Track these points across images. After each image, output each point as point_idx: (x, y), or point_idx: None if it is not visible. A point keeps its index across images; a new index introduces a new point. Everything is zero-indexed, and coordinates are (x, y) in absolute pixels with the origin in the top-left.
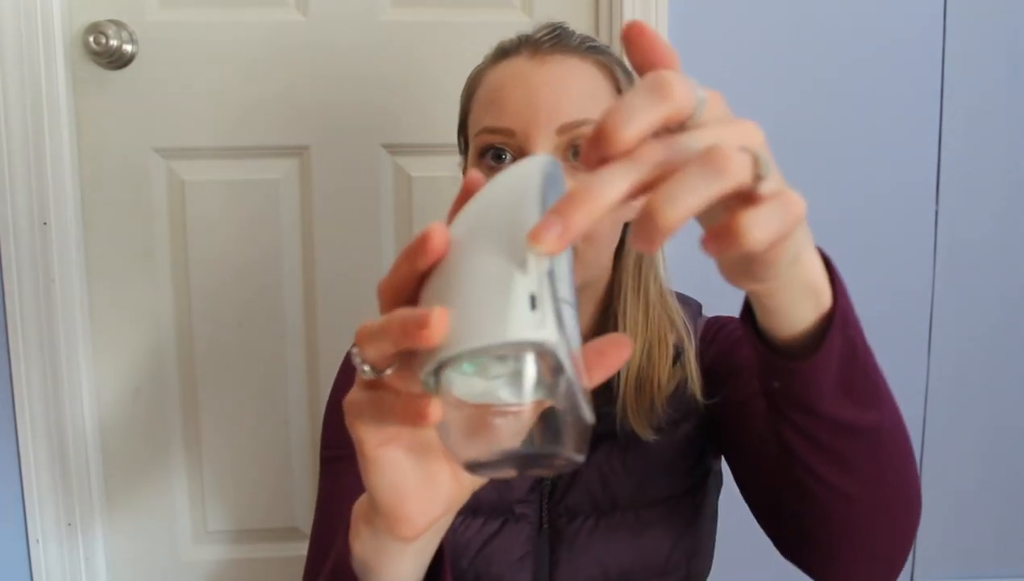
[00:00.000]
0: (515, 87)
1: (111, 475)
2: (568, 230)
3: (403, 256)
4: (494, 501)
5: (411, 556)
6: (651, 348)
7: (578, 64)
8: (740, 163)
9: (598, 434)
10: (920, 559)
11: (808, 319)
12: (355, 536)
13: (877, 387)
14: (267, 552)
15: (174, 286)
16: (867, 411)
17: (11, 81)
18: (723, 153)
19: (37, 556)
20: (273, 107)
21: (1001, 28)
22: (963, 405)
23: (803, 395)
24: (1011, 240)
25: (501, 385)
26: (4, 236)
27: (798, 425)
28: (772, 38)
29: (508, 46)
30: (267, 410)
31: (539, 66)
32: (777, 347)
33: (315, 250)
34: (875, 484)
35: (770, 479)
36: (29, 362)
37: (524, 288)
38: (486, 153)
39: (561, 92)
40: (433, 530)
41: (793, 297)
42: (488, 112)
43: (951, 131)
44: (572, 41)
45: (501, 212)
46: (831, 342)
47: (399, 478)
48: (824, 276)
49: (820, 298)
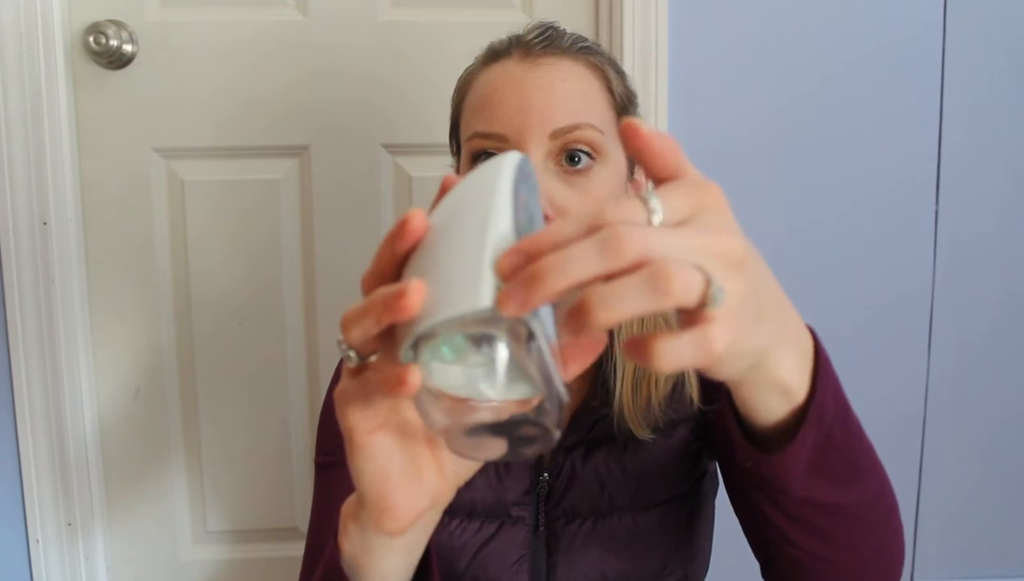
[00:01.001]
0: (507, 91)
1: (111, 475)
2: (527, 304)
3: (384, 242)
4: (490, 504)
5: (399, 552)
6: None
7: (570, 66)
8: (685, 284)
9: (596, 437)
10: (920, 559)
11: (778, 414)
12: (343, 535)
13: (856, 464)
14: (267, 552)
15: (174, 286)
16: (843, 489)
17: (11, 81)
18: (668, 273)
19: (37, 556)
20: (273, 107)
21: (1001, 27)
22: (963, 404)
23: (773, 480)
24: (1011, 239)
25: (481, 377)
26: (4, 236)
27: (770, 498)
28: (772, 37)
29: (499, 47)
30: (267, 410)
31: (531, 69)
32: (752, 431)
33: (315, 250)
34: (854, 548)
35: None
36: (29, 362)
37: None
38: (478, 158)
39: (553, 96)
40: (420, 527)
41: (758, 394)
42: (480, 116)
43: (951, 130)
44: (564, 42)
45: (475, 201)
46: (803, 437)
47: (387, 466)
48: (800, 373)
49: (792, 395)
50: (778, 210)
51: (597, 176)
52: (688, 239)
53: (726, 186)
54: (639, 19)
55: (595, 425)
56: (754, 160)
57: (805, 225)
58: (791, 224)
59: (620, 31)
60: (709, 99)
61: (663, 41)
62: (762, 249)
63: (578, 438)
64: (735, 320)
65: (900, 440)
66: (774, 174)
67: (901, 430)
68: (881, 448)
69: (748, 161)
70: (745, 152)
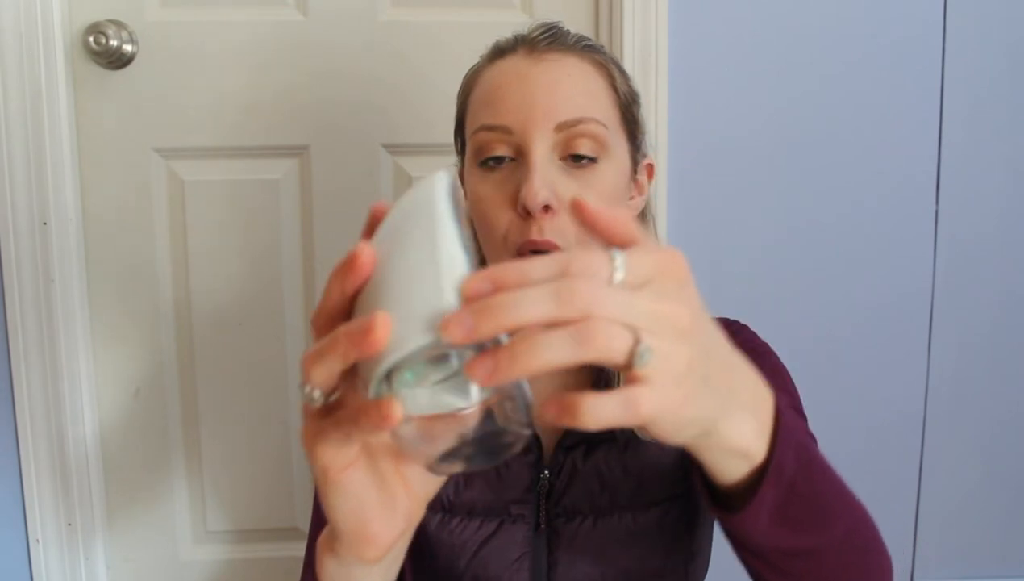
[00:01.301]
0: (512, 85)
1: (111, 475)
2: (475, 334)
3: (333, 279)
4: (490, 502)
5: (378, 575)
6: None
7: (575, 62)
8: (609, 340)
9: (597, 436)
10: (920, 559)
11: (737, 475)
12: (321, 569)
13: (823, 509)
14: (267, 552)
15: (174, 286)
16: (811, 535)
17: (11, 81)
18: (594, 328)
19: (37, 556)
20: (273, 107)
21: (1001, 27)
22: (963, 404)
23: (737, 532)
24: (1011, 239)
25: (444, 391)
26: (4, 236)
27: (739, 545)
28: (772, 37)
29: (504, 45)
30: (267, 410)
31: (536, 64)
32: (716, 485)
33: (315, 250)
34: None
35: None
36: (29, 362)
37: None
38: (483, 151)
39: (558, 90)
40: (397, 547)
41: (715, 458)
42: (485, 110)
43: (951, 130)
44: (568, 40)
45: (418, 225)
46: (762, 496)
47: (363, 499)
48: (758, 436)
49: (750, 458)
50: (778, 210)
51: (601, 171)
52: (639, 301)
53: (726, 186)
54: (639, 19)
55: None
56: (754, 160)
57: (805, 225)
58: (791, 224)
59: (620, 31)
60: (709, 99)
61: (663, 41)
62: (762, 249)
63: (579, 437)
64: (672, 385)
65: (900, 440)
66: (774, 174)
67: (901, 430)
68: (881, 448)
69: (748, 161)
70: (745, 152)
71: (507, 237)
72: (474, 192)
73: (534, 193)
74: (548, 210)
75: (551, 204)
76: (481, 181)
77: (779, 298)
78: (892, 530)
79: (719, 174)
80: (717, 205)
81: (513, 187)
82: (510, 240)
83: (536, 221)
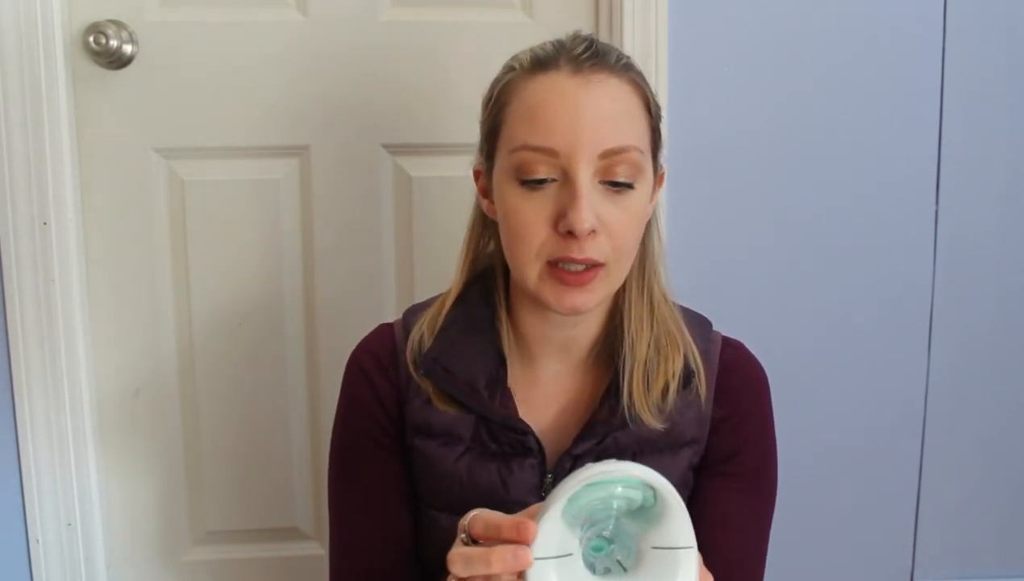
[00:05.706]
0: (560, 106)
1: (111, 475)
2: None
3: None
4: (495, 502)
5: None
6: (658, 340)
7: (617, 84)
8: None
9: (606, 448)
10: (920, 559)
11: None
12: None
13: None
14: (267, 552)
15: (174, 286)
16: None
17: (11, 81)
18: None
19: (37, 556)
20: (273, 107)
21: (1001, 27)
22: (963, 405)
23: None
24: (1011, 238)
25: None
26: (4, 236)
27: None
28: (772, 37)
29: (544, 57)
30: (267, 410)
31: (583, 86)
32: None
33: (315, 250)
34: None
35: None
36: (29, 362)
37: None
38: (526, 171)
39: (605, 116)
40: None
41: None
42: (530, 129)
43: (951, 130)
44: (610, 59)
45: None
46: None
47: None
48: None
49: None
50: (778, 209)
51: (636, 194)
52: None
53: (726, 185)
54: (639, 19)
55: (605, 437)
56: (754, 159)
57: (805, 224)
58: (791, 223)
59: (620, 31)
60: (709, 99)
61: (663, 41)
62: (762, 248)
63: (588, 447)
64: None
65: (900, 440)
66: (774, 173)
67: (901, 430)
68: (881, 448)
69: (748, 160)
70: (745, 152)
71: (540, 252)
72: (511, 206)
73: (582, 220)
74: (591, 233)
75: (595, 228)
76: (521, 199)
77: (779, 297)
78: (892, 530)
79: (719, 174)
80: (717, 204)
81: (553, 206)
82: (543, 254)
83: (578, 241)
